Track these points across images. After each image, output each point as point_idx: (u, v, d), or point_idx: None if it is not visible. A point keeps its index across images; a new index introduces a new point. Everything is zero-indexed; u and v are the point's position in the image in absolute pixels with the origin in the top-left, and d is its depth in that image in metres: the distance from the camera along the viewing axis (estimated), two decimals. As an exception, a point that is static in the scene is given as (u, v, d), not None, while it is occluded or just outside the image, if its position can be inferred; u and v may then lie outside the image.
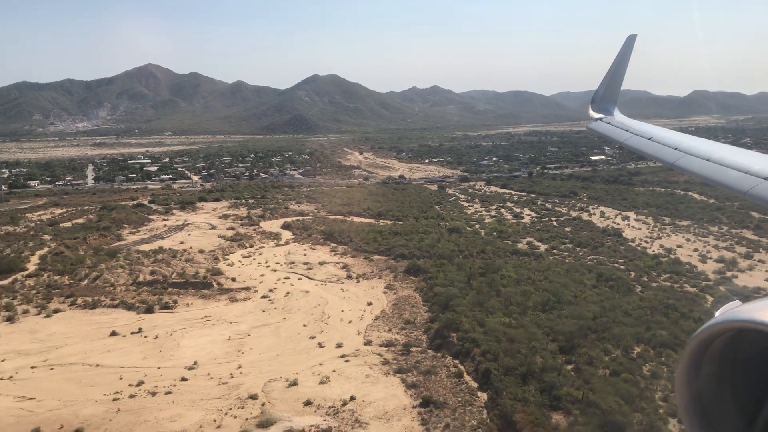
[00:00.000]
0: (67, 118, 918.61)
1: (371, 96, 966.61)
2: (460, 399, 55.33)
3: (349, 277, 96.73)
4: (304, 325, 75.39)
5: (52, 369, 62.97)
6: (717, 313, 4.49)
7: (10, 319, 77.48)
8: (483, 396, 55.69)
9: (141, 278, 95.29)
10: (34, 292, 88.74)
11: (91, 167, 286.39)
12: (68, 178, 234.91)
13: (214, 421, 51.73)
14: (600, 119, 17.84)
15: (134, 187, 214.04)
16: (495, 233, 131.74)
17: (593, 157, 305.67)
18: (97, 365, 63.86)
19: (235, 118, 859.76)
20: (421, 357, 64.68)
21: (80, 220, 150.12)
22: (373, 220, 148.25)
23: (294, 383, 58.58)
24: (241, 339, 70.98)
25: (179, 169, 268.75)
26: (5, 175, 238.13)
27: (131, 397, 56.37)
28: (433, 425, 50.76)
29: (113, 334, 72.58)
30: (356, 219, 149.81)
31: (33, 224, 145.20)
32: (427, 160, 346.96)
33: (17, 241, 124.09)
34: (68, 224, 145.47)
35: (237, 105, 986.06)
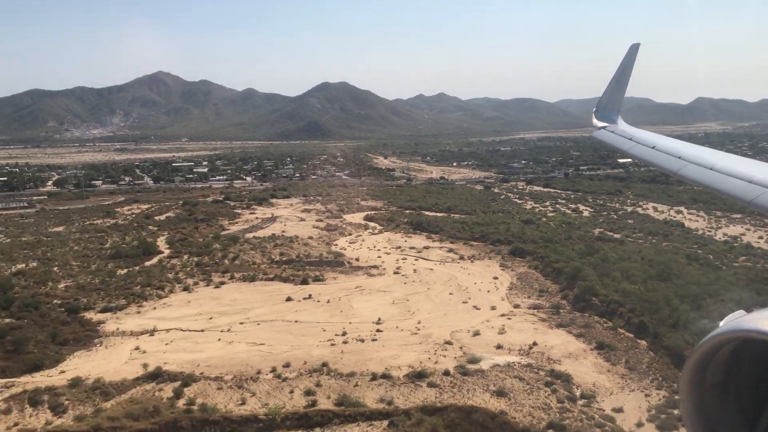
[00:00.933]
0: (81, 125, 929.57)
1: (381, 103, 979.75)
2: (625, 344, 65.86)
3: (461, 258, 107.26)
4: (450, 293, 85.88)
5: (258, 324, 73.38)
6: (721, 323, 4.45)
7: (186, 289, 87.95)
8: (642, 343, 66.19)
9: (275, 258, 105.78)
10: (188, 269, 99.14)
11: (137, 170, 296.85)
12: (127, 178, 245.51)
13: (429, 359, 62.11)
14: (603, 128, 18.03)
15: (198, 186, 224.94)
16: (564, 225, 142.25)
17: (620, 160, 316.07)
18: (296, 321, 74.34)
19: (249, 124, 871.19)
20: (572, 316, 75.19)
21: (170, 214, 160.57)
22: (444, 214, 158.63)
23: (477, 333, 69.06)
24: (403, 303, 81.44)
25: (228, 171, 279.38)
26: (64, 176, 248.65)
27: (344, 343, 66.76)
28: (615, 361, 61.28)
29: (288, 299, 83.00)
30: (428, 213, 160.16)
31: (129, 217, 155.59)
32: (455, 164, 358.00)
33: (128, 231, 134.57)
34: (162, 217, 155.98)
35: (248, 112, 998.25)
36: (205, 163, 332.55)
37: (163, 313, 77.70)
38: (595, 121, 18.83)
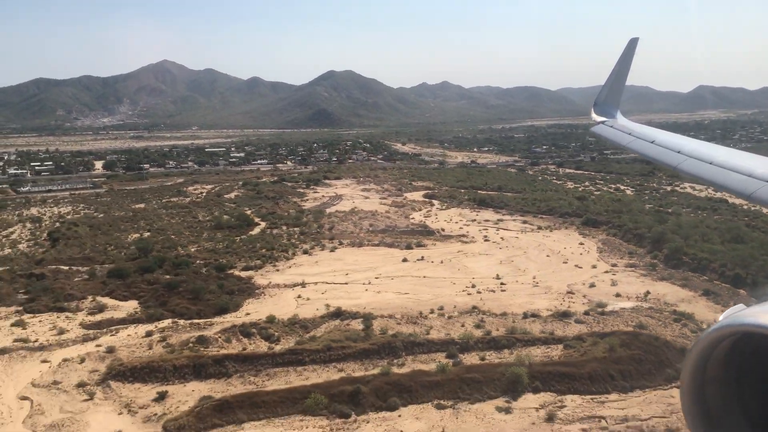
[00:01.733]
0: (89, 114, 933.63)
1: (388, 91, 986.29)
2: (727, 293, 75.19)
3: (539, 228, 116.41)
4: (547, 256, 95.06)
5: (392, 279, 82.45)
6: (721, 317, 4.50)
7: (306, 252, 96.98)
8: (742, 291, 75.52)
9: (366, 228, 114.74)
10: (294, 237, 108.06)
11: (174, 155, 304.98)
12: (172, 162, 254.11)
13: (560, 304, 71.25)
14: (603, 122, 18.02)
15: (245, 169, 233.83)
16: (614, 201, 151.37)
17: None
18: (424, 277, 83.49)
19: (256, 113, 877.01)
20: (668, 272, 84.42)
21: (236, 193, 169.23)
22: (496, 192, 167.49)
23: (592, 285, 78.28)
24: (509, 263, 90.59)
25: (265, 156, 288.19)
26: (112, 160, 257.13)
27: (478, 293, 75.84)
28: (725, 304, 70.59)
29: (404, 260, 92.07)
30: (481, 192, 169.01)
31: (200, 196, 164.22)
32: (475, 149, 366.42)
33: (208, 207, 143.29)
34: (231, 195, 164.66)
35: (255, 100, 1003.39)
36: (233, 148, 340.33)
37: (300, 270, 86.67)
38: (594, 115, 18.79)
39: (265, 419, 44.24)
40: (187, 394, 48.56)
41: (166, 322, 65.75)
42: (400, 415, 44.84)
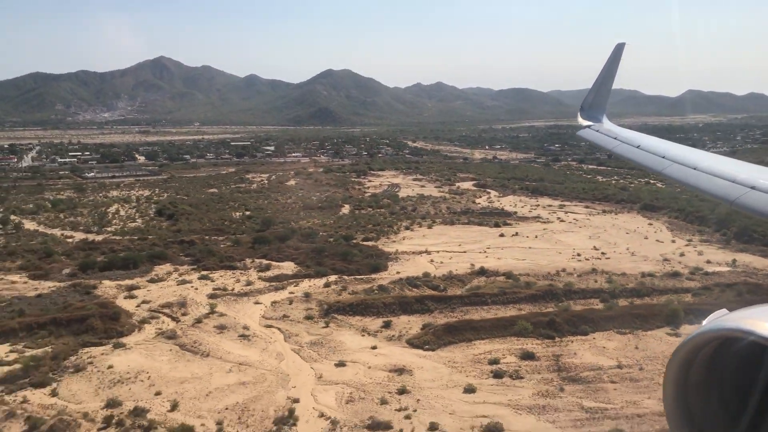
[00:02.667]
0: (87, 108, 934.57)
1: (385, 91, 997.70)
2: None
3: (603, 212, 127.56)
4: (626, 233, 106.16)
5: (501, 249, 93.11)
6: (704, 322, 4.57)
7: (408, 228, 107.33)
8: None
9: (446, 210, 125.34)
10: (384, 216, 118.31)
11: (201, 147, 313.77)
12: (210, 154, 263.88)
13: (662, 268, 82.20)
14: (589, 126, 18.17)
15: (287, 160, 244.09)
16: (651, 192, 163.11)
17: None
18: (529, 247, 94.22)
19: (257, 110, 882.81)
20: (742, 246, 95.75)
21: (293, 182, 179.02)
22: (538, 183, 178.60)
23: (682, 254, 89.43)
24: (597, 238, 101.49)
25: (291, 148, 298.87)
26: (154, 151, 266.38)
27: (586, 259, 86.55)
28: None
29: (501, 235, 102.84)
30: (526, 182, 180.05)
31: (262, 183, 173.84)
32: (487, 147, 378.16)
33: (280, 192, 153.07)
34: (291, 183, 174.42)
35: (253, 98, 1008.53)
36: (250, 142, 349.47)
37: (414, 242, 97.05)
38: (580, 119, 18.92)
39: (487, 339, 54.69)
40: (405, 323, 58.88)
41: (333, 278, 75.89)
42: (594, 338, 55.48)
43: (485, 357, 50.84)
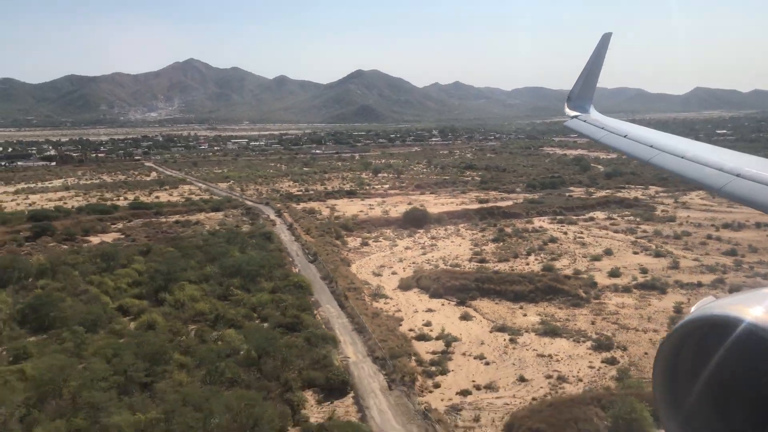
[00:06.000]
0: (129, 109, 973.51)
1: (414, 90, 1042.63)
2: None
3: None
4: None
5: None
6: (692, 309, 4.56)
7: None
8: None
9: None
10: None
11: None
12: (313, 144, 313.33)
13: None
14: (576, 117, 17.75)
15: (396, 146, 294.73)
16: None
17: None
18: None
19: (294, 109, 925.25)
20: None
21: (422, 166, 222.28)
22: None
23: None
24: None
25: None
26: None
27: None
28: None
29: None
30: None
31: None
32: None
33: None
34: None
35: (285, 98, 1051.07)
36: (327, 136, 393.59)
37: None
38: (567, 110, 18.44)
39: None
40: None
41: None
42: None
43: None
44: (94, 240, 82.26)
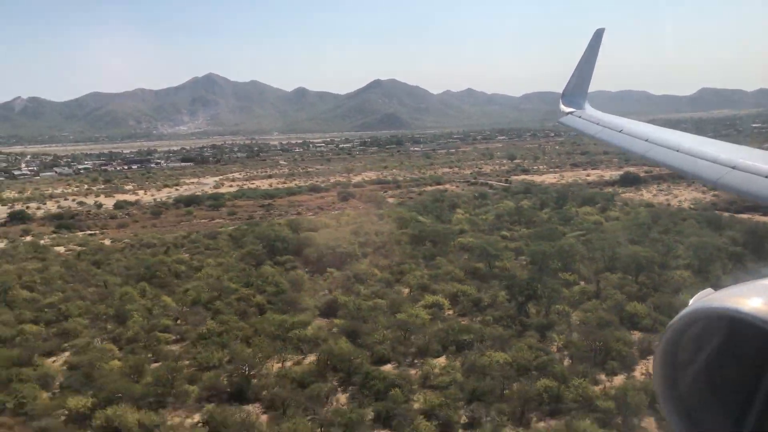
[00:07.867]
0: (156, 123, 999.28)
1: (432, 97, 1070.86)
2: None
3: None
4: None
5: None
6: (690, 301, 4.31)
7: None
8: None
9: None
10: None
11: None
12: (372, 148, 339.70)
13: None
14: (570, 113, 17.81)
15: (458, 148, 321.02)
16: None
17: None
18: None
19: (317, 119, 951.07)
20: None
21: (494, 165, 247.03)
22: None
23: None
24: None
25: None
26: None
27: None
28: None
29: None
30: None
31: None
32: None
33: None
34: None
35: (306, 109, 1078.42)
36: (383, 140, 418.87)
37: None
38: (562, 107, 18.53)
39: None
40: None
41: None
42: None
43: None
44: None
